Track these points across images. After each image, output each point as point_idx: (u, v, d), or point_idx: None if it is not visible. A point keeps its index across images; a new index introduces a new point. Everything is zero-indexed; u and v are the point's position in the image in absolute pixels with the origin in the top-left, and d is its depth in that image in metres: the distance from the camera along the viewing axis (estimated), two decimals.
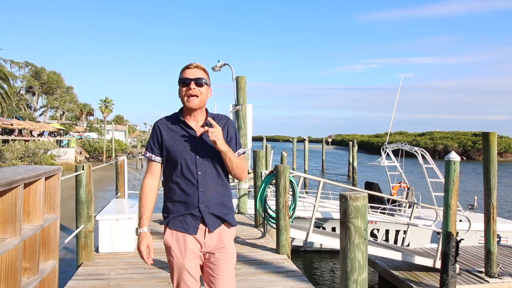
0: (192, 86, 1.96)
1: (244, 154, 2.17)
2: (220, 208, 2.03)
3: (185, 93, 1.98)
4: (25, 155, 21.05)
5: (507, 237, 9.92)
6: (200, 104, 2.00)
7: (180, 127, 2.03)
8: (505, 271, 7.02)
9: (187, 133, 2.01)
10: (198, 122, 2.05)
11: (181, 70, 2.05)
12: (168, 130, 2.04)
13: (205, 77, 2.02)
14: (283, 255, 4.42)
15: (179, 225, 1.99)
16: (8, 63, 36.74)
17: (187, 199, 1.98)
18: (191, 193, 1.97)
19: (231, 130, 2.12)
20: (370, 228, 9.52)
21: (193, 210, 1.97)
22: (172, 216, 2.00)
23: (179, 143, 2.00)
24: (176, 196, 1.99)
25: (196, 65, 2.03)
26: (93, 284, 3.47)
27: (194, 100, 1.97)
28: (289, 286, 3.49)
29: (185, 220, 1.98)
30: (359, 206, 2.50)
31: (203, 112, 2.07)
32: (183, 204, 1.99)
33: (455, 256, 6.09)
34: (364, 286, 2.53)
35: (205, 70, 2.06)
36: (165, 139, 2.02)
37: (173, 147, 2.00)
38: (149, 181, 2.06)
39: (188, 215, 1.98)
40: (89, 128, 51.85)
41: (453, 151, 6.43)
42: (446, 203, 6.14)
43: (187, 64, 2.04)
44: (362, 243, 2.51)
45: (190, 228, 1.98)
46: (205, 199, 1.98)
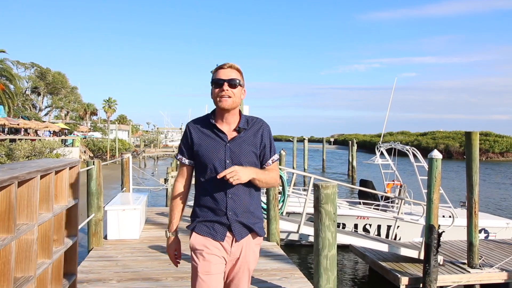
0: (225, 88, 1.90)
1: (278, 160, 2.09)
2: (249, 216, 1.96)
3: (217, 94, 1.91)
4: (32, 153, 21.67)
5: (495, 232, 10.33)
6: (233, 104, 1.93)
7: (211, 130, 1.96)
8: (487, 263, 7.44)
9: (218, 137, 1.94)
10: (230, 125, 1.97)
11: (214, 70, 1.97)
12: (199, 133, 1.98)
13: (239, 78, 1.95)
14: (272, 242, 4.91)
15: (206, 230, 1.94)
16: (15, 64, 37.37)
17: (215, 205, 1.92)
18: (219, 199, 1.92)
19: (266, 136, 2.01)
20: (363, 223, 9.97)
21: (221, 217, 1.92)
22: (199, 220, 1.96)
23: (209, 147, 1.93)
24: (204, 201, 1.95)
25: (230, 65, 1.95)
26: (103, 264, 3.96)
27: (226, 100, 1.90)
28: (275, 266, 3.97)
29: (213, 226, 1.94)
30: (329, 194, 2.97)
31: (236, 114, 2.00)
32: (211, 210, 1.94)
33: (437, 247, 6.53)
34: (333, 261, 2.99)
35: (239, 70, 1.98)
36: (195, 142, 1.96)
37: (203, 151, 1.94)
38: (179, 184, 2.03)
39: (216, 222, 1.93)
40: (93, 127, 52.52)
41: (436, 150, 6.87)
42: (428, 198, 6.58)
43: (221, 64, 1.96)
44: (331, 225, 2.98)
45: (217, 234, 1.93)
46: (234, 206, 1.92)
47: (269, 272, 3.81)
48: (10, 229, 1.72)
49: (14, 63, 36.40)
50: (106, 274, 3.70)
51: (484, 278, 6.96)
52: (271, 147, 2.02)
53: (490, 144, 52.61)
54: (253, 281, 3.58)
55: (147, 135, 69.87)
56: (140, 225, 5.10)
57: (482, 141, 53.56)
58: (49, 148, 24.26)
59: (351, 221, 9.94)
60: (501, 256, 7.90)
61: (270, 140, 2.02)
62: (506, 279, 7.00)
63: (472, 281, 6.95)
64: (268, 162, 2.01)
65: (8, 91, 30.00)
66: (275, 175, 2.03)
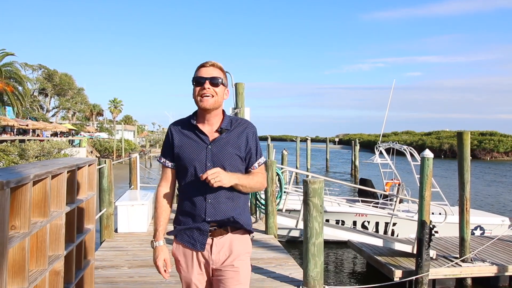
0: (206, 86, 1.80)
1: (264, 163, 2.00)
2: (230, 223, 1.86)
3: (198, 93, 1.82)
4: (41, 154, 22.22)
5: (491, 229, 10.62)
6: (215, 104, 1.83)
7: (193, 131, 1.87)
8: (479, 257, 7.75)
9: (199, 138, 1.85)
10: (212, 126, 1.88)
11: (196, 68, 1.88)
12: (180, 134, 1.89)
13: (221, 77, 1.85)
14: (270, 235, 5.29)
15: (186, 239, 1.86)
16: (23, 66, 38.05)
17: (194, 210, 1.83)
18: (198, 204, 1.81)
19: (251, 137, 1.91)
20: (361, 220, 10.31)
21: (200, 224, 1.82)
22: (180, 228, 1.88)
23: (190, 150, 1.84)
24: (185, 206, 1.86)
25: (212, 63, 1.86)
26: (115, 253, 4.37)
27: (208, 100, 1.80)
28: (271, 256, 4.36)
29: (192, 234, 1.85)
30: (316, 188, 3.34)
31: (219, 115, 1.90)
32: (190, 216, 1.84)
33: (428, 242, 6.86)
34: (320, 248, 3.37)
35: (221, 69, 1.89)
36: (176, 144, 1.88)
37: (184, 153, 1.85)
38: (163, 189, 1.94)
39: (195, 229, 1.84)
40: (100, 128, 53.21)
41: (427, 149, 7.20)
42: (421, 195, 6.92)
43: (203, 62, 1.87)
44: (318, 216, 3.35)
45: (197, 244, 1.84)
46: (214, 212, 1.81)
47: (265, 260, 4.20)
48: (46, 214, 2.11)
49: (22, 65, 37.09)
50: (118, 261, 4.11)
51: (475, 271, 7.27)
52: (257, 149, 1.93)
53: (494, 143, 52.52)
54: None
55: (152, 135, 70.50)
56: (147, 219, 5.50)
57: (487, 140, 53.50)
58: (57, 149, 24.80)
59: (350, 218, 10.28)
60: (493, 251, 8.19)
61: (256, 142, 1.93)
62: (496, 273, 7.30)
63: (463, 274, 7.26)
64: (254, 166, 1.91)
65: (17, 92, 30.66)
66: (261, 179, 1.92)
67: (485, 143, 53.01)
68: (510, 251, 8.22)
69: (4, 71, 29.38)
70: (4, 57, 30.83)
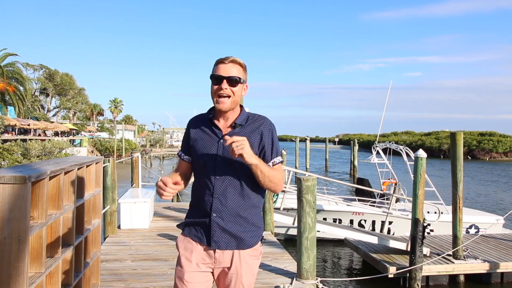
0: (224, 86, 1.74)
1: (281, 163, 1.89)
2: (238, 222, 1.76)
3: (215, 92, 1.76)
4: (42, 153, 22.43)
5: (485, 228, 10.82)
6: (232, 105, 1.77)
7: (208, 126, 1.84)
8: (472, 255, 7.95)
9: (213, 132, 1.82)
10: (227, 121, 1.82)
11: (215, 63, 1.80)
12: (196, 128, 1.87)
13: (240, 75, 1.77)
14: (267, 231, 5.50)
15: (193, 232, 1.82)
16: (24, 66, 38.29)
17: (201, 204, 1.80)
18: (205, 198, 1.78)
19: (266, 134, 1.82)
20: (358, 219, 10.52)
21: (205, 218, 1.78)
22: (188, 221, 1.86)
23: (202, 143, 1.82)
24: (194, 199, 1.86)
25: (232, 59, 1.77)
26: (119, 248, 4.58)
27: (225, 102, 1.75)
28: (268, 250, 4.58)
29: (199, 228, 1.81)
30: (309, 185, 3.54)
31: (236, 111, 1.83)
32: (198, 210, 1.82)
33: (421, 239, 7.06)
34: (312, 242, 3.57)
35: (242, 65, 1.80)
36: (192, 137, 1.87)
37: (197, 146, 1.83)
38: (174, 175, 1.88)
39: (201, 223, 1.80)
40: (100, 128, 53.45)
41: (421, 149, 7.41)
42: (414, 194, 7.12)
43: (222, 58, 1.78)
44: (311, 211, 3.56)
45: (204, 238, 1.78)
46: (219, 208, 1.75)
47: (262, 255, 4.40)
48: (59, 207, 2.32)
49: (23, 65, 37.32)
50: (121, 255, 4.32)
51: (467, 268, 7.47)
52: (273, 147, 1.82)
53: (493, 144, 52.73)
54: None
55: (152, 135, 70.79)
56: (149, 216, 5.71)
57: (486, 141, 53.70)
58: (58, 148, 25.01)
59: (347, 217, 10.48)
60: (486, 249, 8.40)
61: (272, 140, 1.83)
62: (488, 270, 7.51)
63: (456, 271, 7.47)
64: (268, 165, 1.79)
65: (18, 92, 30.89)
66: (279, 175, 1.80)
67: (484, 143, 53.20)
68: (503, 248, 8.42)
69: (6, 71, 29.64)
70: (6, 57, 31.09)
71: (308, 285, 3.52)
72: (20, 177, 1.78)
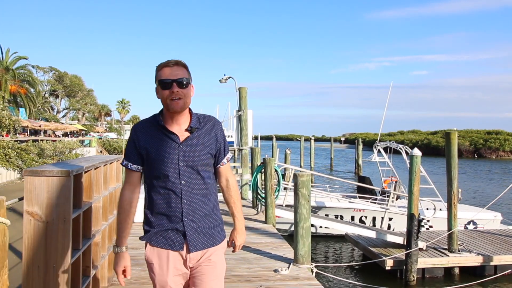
0: (175, 89, 1.75)
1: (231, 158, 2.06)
2: (207, 220, 1.85)
3: (167, 96, 1.76)
4: (54, 153, 23.10)
5: (484, 224, 11.14)
6: (184, 106, 1.80)
7: (161, 132, 1.82)
8: (466, 249, 8.31)
9: (169, 138, 1.81)
10: (181, 125, 1.83)
11: (158, 67, 1.81)
12: (147, 136, 1.83)
13: (187, 76, 1.80)
14: (269, 224, 5.97)
15: (162, 241, 1.82)
16: (35, 68, 39.14)
17: (170, 211, 1.79)
18: (173, 205, 1.78)
19: (219, 134, 1.91)
20: (359, 215, 10.91)
21: (176, 224, 1.79)
22: (154, 231, 1.84)
23: (160, 150, 1.79)
24: (158, 207, 1.82)
25: (176, 61, 1.80)
26: (133, 238, 4.94)
27: (178, 103, 1.76)
28: (269, 241, 5.03)
29: (167, 235, 1.81)
30: (304, 180, 3.98)
31: (187, 113, 1.86)
32: (166, 217, 1.81)
33: (417, 233, 7.44)
34: (307, 230, 4.01)
35: (186, 66, 1.83)
36: (143, 146, 1.82)
37: (153, 154, 1.80)
38: (128, 193, 1.87)
39: (171, 230, 1.80)
40: (109, 128, 54.28)
41: (416, 148, 7.79)
42: (410, 190, 7.51)
43: (165, 62, 1.81)
44: (306, 203, 4.00)
45: (175, 244, 1.81)
46: (190, 211, 1.80)
47: (263, 244, 4.87)
48: (91, 197, 2.78)
49: (34, 67, 38.17)
50: (136, 244, 4.78)
51: (461, 261, 7.83)
52: (225, 146, 1.95)
53: (500, 142, 52.58)
54: (250, 250, 4.65)
55: None
56: None
57: (492, 139, 53.58)
58: (69, 148, 25.68)
59: (348, 213, 10.88)
60: (482, 243, 8.74)
61: (224, 138, 1.94)
62: (482, 262, 7.85)
63: (450, 263, 7.84)
64: (223, 161, 1.94)
65: (30, 94, 31.69)
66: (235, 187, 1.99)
67: (490, 142, 53.06)
68: (497, 243, 8.75)
69: (18, 74, 30.44)
70: (17, 61, 31.91)
71: (304, 269, 3.96)
72: (65, 171, 2.24)
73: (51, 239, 2.23)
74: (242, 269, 4.01)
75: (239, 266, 4.10)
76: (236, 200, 1.98)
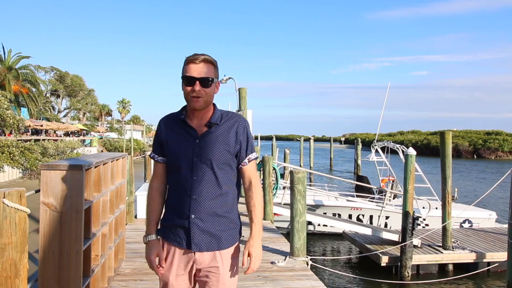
0: (197, 88, 1.71)
1: (255, 159, 1.92)
2: (217, 222, 1.77)
3: (189, 93, 1.73)
4: (56, 153, 23.30)
5: (479, 223, 11.35)
6: (205, 104, 1.75)
7: (181, 126, 1.80)
8: (460, 246, 8.51)
9: (187, 133, 1.78)
10: (201, 120, 1.80)
11: (186, 61, 1.75)
12: (168, 128, 1.83)
13: (212, 74, 1.74)
14: (267, 221, 6.19)
15: (171, 237, 1.79)
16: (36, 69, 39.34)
17: (178, 206, 1.76)
18: (182, 199, 1.75)
19: (241, 132, 1.82)
20: (356, 214, 11.12)
21: (184, 221, 1.75)
22: (165, 225, 1.82)
23: (177, 144, 1.78)
24: (171, 201, 1.81)
25: (203, 58, 1.73)
26: (137, 233, 5.28)
27: (198, 101, 1.73)
28: (267, 235, 5.26)
29: (176, 231, 1.78)
30: (300, 177, 4.19)
31: (210, 109, 1.81)
32: (175, 212, 1.78)
33: (411, 230, 7.65)
34: (303, 225, 4.22)
35: (213, 63, 1.77)
36: (164, 138, 1.82)
37: (172, 147, 1.79)
38: (155, 183, 1.87)
39: (179, 226, 1.77)
40: (110, 128, 54.50)
41: (411, 147, 8.00)
42: (404, 189, 7.71)
43: (193, 56, 1.74)
44: (301, 199, 4.21)
45: (183, 242, 1.76)
46: (198, 209, 1.74)
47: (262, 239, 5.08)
48: (100, 190, 2.99)
49: (35, 68, 38.36)
50: (140, 239, 5.01)
51: (455, 258, 8.03)
52: (248, 144, 1.85)
53: (499, 143, 52.77)
54: None
55: None
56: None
57: (491, 140, 53.77)
58: (70, 148, 25.88)
59: (346, 212, 11.09)
60: (475, 241, 8.94)
61: (247, 137, 1.85)
62: (475, 259, 8.05)
63: (444, 260, 8.04)
64: (244, 161, 1.84)
65: (31, 94, 31.92)
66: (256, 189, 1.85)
67: (489, 142, 53.24)
68: (491, 240, 8.95)
69: (21, 74, 30.67)
70: (19, 61, 32.14)
71: (299, 261, 4.18)
72: (78, 165, 2.45)
73: (65, 227, 2.43)
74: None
75: None
76: (257, 204, 1.82)
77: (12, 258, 2.05)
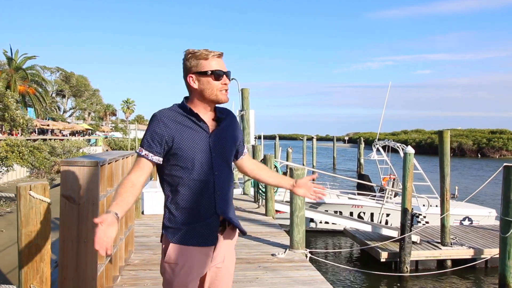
0: (227, 81, 1.76)
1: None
2: (233, 211, 1.83)
3: (217, 87, 1.72)
4: (62, 152, 23.68)
5: (478, 220, 11.52)
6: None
7: (192, 121, 1.72)
8: (459, 242, 8.70)
9: (200, 128, 1.72)
10: (209, 115, 1.78)
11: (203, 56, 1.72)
12: (176, 125, 1.69)
13: None
14: (269, 217, 6.45)
15: (195, 240, 1.69)
16: (42, 69, 39.82)
17: (203, 205, 1.70)
18: (207, 197, 1.70)
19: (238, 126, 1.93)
20: (357, 211, 11.33)
21: (209, 218, 1.70)
22: (180, 229, 1.69)
23: (192, 141, 1.69)
24: (186, 202, 1.69)
25: (221, 53, 1.77)
26: (144, 228, 5.54)
27: (227, 94, 1.77)
28: (268, 230, 5.51)
29: (200, 232, 1.70)
30: (299, 174, 4.41)
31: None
32: (196, 212, 1.69)
33: (410, 227, 7.85)
34: (302, 219, 4.45)
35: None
36: (173, 134, 1.67)
37: (183, 144, 1.68)
38: (133, 176, 1.67)
39: (204, 225, 1.70)
40: (114, 127, 54.99)
41: (409, 146, 8.20)
42: (403, 186, 7.91)
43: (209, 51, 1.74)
44: None
45: (208, 240, 1.71)
46: (223, 203, 1.74)
47: (263, 233, 5.34)
48: (112, 185, 3.23)
49: (41, 68, 38.84)
50: (147, 233, 5.27)
51: (453, 254, 8.22)
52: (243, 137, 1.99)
53: (504, 141, 52.63)
54: (251, 238, 5.10)
55: None
56: None
57: (496, 138, 53.64)
58: (76, 147, 26.26)
59: (347, 209, 11.30)
60: (474, 238, 9.12)
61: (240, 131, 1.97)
62: (473, 255, 8.23)
63: (442, 256, 8.23)
64: (244, 152, 1.97)
65: (38, 94, 32.37)
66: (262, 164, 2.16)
67: (494, 141, 53.12)
68: (489, 237, 9.12)
69: (28, 74, 31.12)
70: (26, 61, 32.60)
71: (298, 254, 4.41)
72: (94, 161, 2.70)
73: (82, 218, 2.68)
74: (243, 254, 4.47)
75: (240, 251, 4.55)
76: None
77: (37, 244, 2.29)
